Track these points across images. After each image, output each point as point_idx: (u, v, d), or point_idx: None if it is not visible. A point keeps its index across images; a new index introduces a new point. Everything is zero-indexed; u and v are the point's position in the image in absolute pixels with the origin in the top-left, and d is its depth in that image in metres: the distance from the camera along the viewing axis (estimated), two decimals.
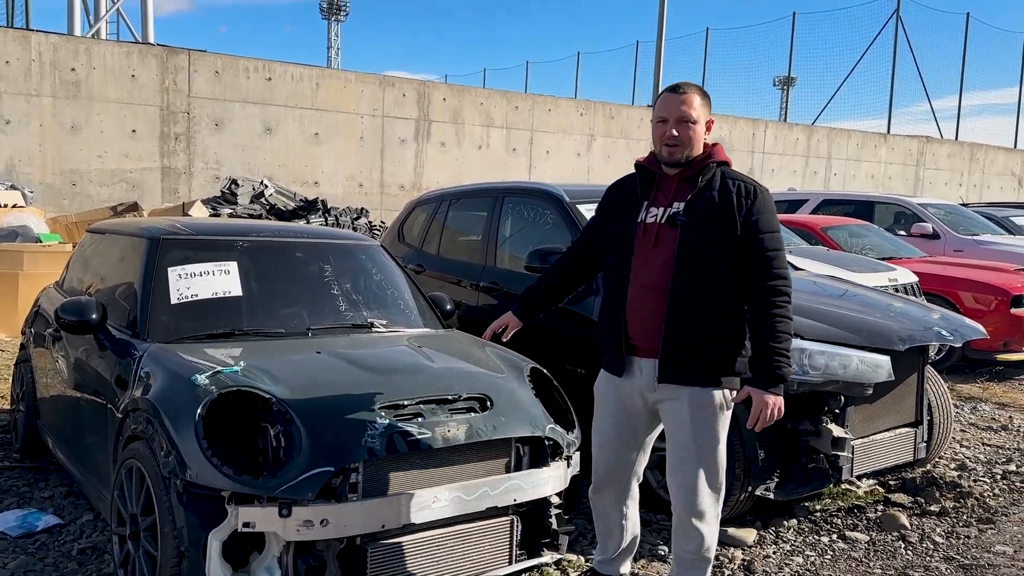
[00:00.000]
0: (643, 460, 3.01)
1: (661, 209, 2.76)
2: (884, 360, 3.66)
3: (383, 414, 2.91)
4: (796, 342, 3.55)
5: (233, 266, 3.73)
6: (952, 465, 4.91)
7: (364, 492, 2.80)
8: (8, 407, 5.38)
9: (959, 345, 4.11)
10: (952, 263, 8.88)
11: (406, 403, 3.00)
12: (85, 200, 9.68)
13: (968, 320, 4.30)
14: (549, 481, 3.18)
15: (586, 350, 4.49)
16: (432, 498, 2.89)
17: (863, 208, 11.48)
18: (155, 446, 2.84)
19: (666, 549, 3.61)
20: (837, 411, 3.69)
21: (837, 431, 3.59)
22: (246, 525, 2.64)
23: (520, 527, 3.14)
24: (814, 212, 11.44)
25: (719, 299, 2.69)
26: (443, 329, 4.05)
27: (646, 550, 3.62)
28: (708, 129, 2.77)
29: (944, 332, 3.94)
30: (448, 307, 4.39)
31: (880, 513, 4.01)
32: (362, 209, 10.54)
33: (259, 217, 10.06)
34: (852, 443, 3.72)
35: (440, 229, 6.01)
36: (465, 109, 12.31)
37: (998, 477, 4.71)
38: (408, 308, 4.09)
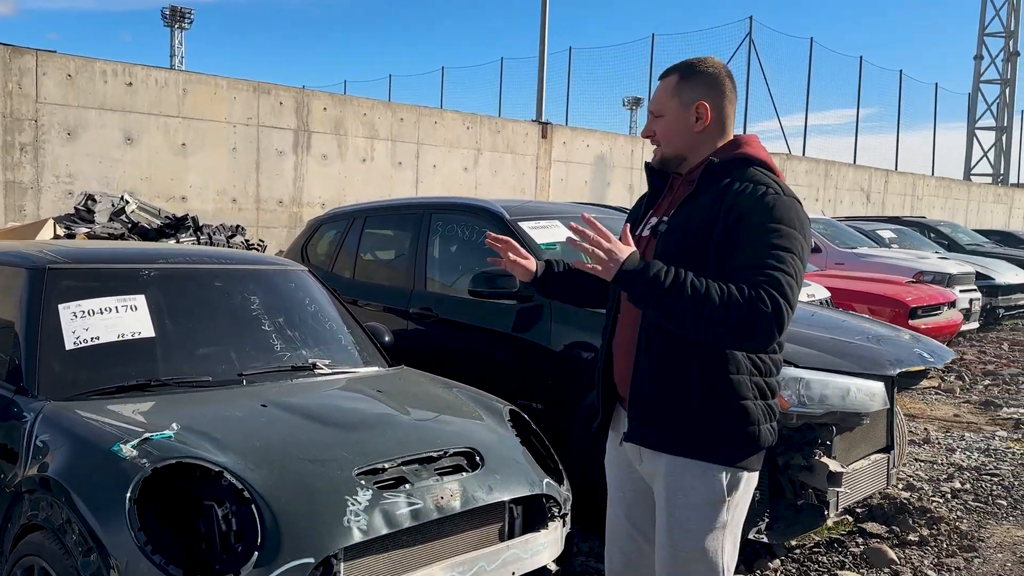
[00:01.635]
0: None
1: (657, 219, 2.17)
2: (879, 387, 3.45)
3: (363, 483, 2.38)
4: (792, 371, 3.28)
5: (141, 300, 3.07)
6: (900, 486, 4.82)
7: None
8: None
9: (940, 367, 3.96)
10: (845, 276, 9.09)
11: (386, 466, 2.48)
12: None
13: (938, 342, 4.20)
14: (548, 547, 2.73)
15: (542, 383, 4.08)
16: None
17: None
18: (68, 540, 2.19)
19: None
20: (828, 443, 3.44)
21: (833, 465, 3.33)
22: None
23: None
24: None
25: None
26: (391, 367, 3.52)
27: None
28: (703, 118, 2.07)
29: (926, 355, 3.79)
30: (387, 339, 3.86)
31: (863, 547, 3.80)
32: (237, 226, 9.68)
33: (120, 237, 9.06)
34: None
35: (354, 250, 5.44)
36: (348, 120, 11.65)
37: (949, 496, 4.65)
38: (350, 343, 3.54)
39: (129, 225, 9.36)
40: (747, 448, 2.00)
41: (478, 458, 2.67)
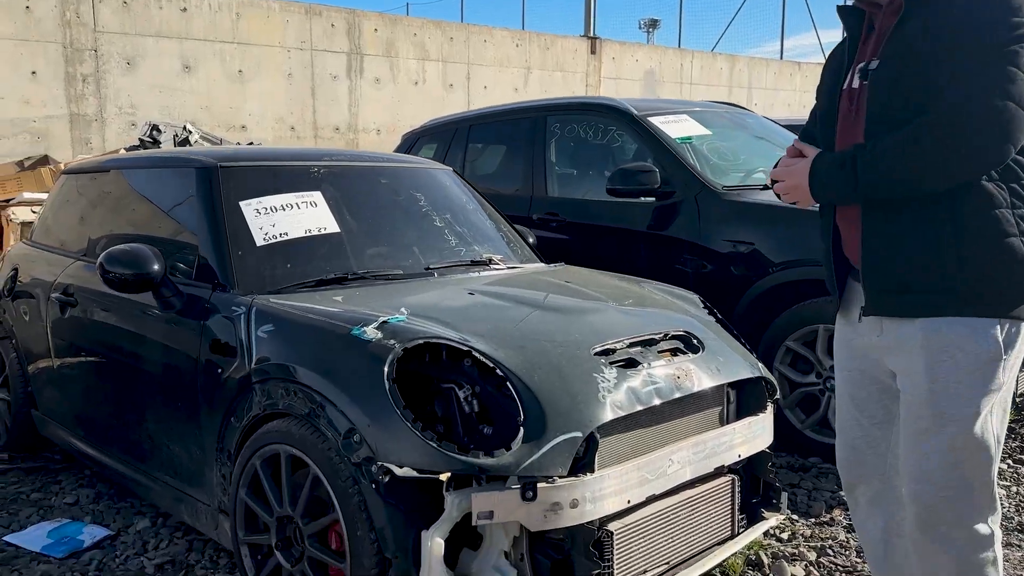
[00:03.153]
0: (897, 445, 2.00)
1: (865, 62, 1.88)
2: None
3: (604, 362, 2.31)
4: None
5: (318, 196, 2.98)
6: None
7: (601, 462, 2.20)
8: None
9: None
10: None
11: (616, 347, 2.41)
12: None
13: None
14: (766, 430, 2.67)
15: (694, 281, 3.98)
16: (668, 461, 2.32)
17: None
18: (322, 425, 2.14)
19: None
20: None
21: None
22: (481, 516, 2.00)
23: (738, 487, 2.62)
24: None
25: None
26: (553, 264, 3.43)
27: (812, 496, 3.18)
28: None
29: None
30: (531, 239, 3.79)
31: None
32: None
33: None
34: None
35: (460, 160, 5.31)
36: (399, 41, 11.38)
37: None
38: (510, 241, 3.45)
39: None
40: (1021, 293, 1.74)
41: (695, 341, 2.59)
